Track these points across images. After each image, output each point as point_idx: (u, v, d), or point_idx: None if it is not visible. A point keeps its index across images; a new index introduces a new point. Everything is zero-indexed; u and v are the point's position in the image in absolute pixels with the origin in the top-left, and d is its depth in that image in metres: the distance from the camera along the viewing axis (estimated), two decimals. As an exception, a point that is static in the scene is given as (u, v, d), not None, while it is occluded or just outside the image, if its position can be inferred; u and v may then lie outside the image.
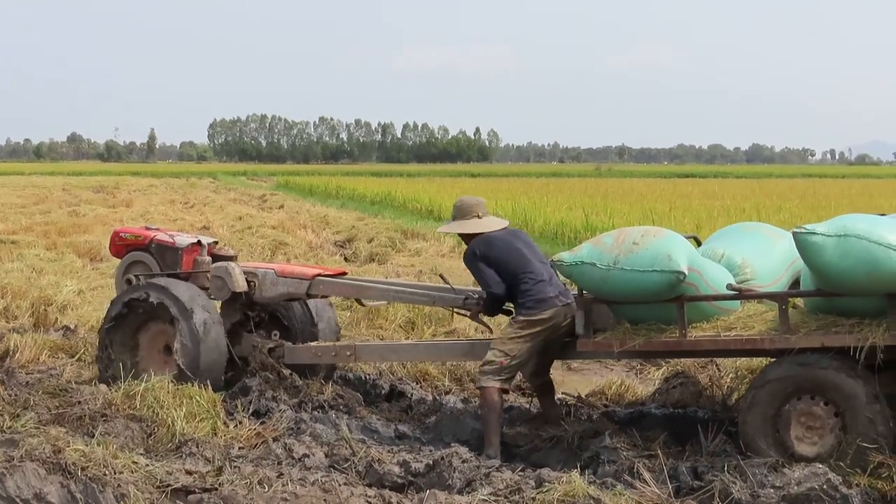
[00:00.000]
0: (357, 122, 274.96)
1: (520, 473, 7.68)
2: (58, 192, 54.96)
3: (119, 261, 11.95)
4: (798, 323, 8.21)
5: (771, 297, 8.52)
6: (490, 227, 9.58)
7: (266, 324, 11.37)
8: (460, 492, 7.35)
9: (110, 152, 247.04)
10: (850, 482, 7.40)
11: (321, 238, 28.15)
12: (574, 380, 11.80)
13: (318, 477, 7.62)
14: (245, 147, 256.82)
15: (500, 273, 9.28)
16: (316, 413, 9.93)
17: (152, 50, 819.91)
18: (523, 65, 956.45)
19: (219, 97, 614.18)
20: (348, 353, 10.67)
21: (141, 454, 8.07)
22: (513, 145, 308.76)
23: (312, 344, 10.98)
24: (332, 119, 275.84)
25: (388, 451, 8.47)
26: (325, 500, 6.72)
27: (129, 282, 11.47)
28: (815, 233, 7.70)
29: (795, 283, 9.10)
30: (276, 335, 11.10)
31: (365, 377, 11.52)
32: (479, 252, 9.36)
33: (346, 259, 22.97)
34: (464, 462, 7.93)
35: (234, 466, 7.76)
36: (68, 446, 7.60)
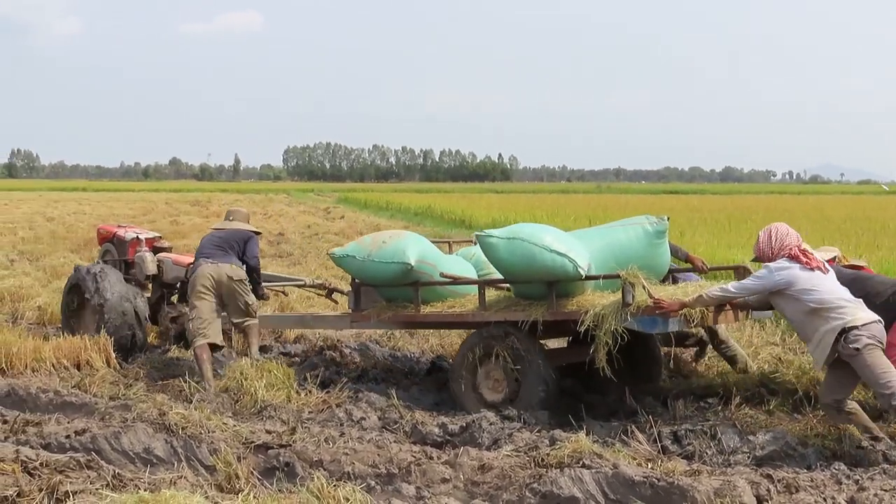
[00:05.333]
0: (403, 148, 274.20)
1: (537, 434, 7.67)
2: (161, 205, 55.09)
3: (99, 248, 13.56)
4: (492, 303, 9.00)
5: (473, 282, 9.42)
6: (221, 226, 10.73)
7: (178, 298, 12.11)
8: (488, 448, 7.35)
9: (204, 173, 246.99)
10: (805, 443, 7.37)
11: (374, 243, 28.13)
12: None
13: (372, 436, 7.66)
14: (313, 169, 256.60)
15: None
16: (371, 384, 9.96)
17: (239, 90, 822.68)
18: (532, 104, 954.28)
19: (292, 128, 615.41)
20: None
21: (230, 417, 8.10)
22: (529, 168, 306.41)
23: None
24: (383, 146, 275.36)
25: (430, 415, 8.49)
26: (378, 454, 6.71)
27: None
28: (491, 236, 8.68)
29: None
30: (180, 307, 11.77)
31: (410, 355, 11.53)
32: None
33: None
34: (491, 424, 7.93)
35: (305, 427, 7.79)
36: (171, 410, 7.66)
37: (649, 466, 6.56)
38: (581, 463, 6.33)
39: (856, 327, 7.28)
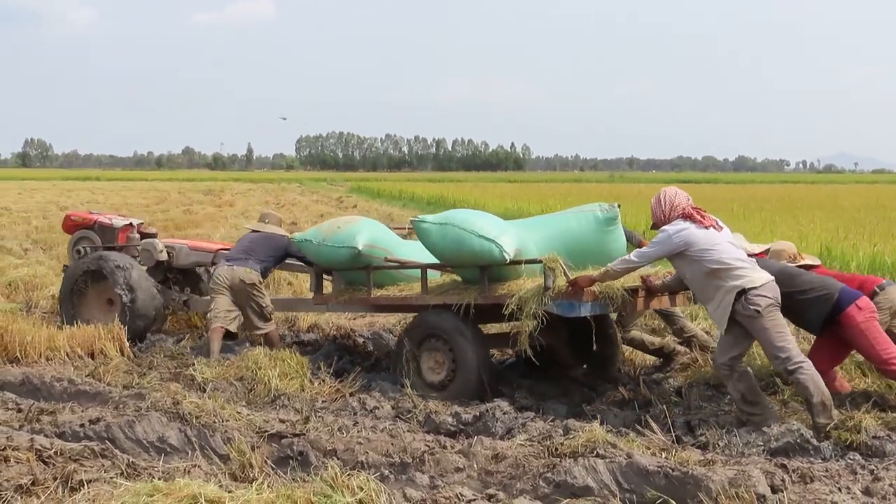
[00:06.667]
0: (416, 137, 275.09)
1: (550, 423, 7.66)
2: (174, 194, 55.21)
3: (70, 236, 13.68)
4: (434, 287, 9.31)
5: (415, 266, 9.54)
6: (257, 228, 11.22)
7: (181, 282, 12.43)
8: (502, 438, 7.33)
9: (216, 162, 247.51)
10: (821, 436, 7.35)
11: (387, 232, 28.09)
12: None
13: (386, 425, 7.65)
14: (325, 158, 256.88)
15: None
16: (384, 373, 9.95)
17: (250, 80, 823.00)
18: (545, 93, 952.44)
19: (305, 117, 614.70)
20: None
21: (243, 406, 8.10)
22: (542, 157, 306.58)
23: (206, 297, 11.67)
24: (395, 135, 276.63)
25: (443, 405, 8.46)
26: (392, 443, 6.71)
27: (78, 252, 12.82)
28: (424, 221, 8.96)
29: None
30: (187, 291, 12.12)
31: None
32: None
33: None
34: (504, 414, 7.92)
35: (319, 416, 7.79)
36: (185, 399, 7.67)
37: (663, 456, 6.53)
38: (595, 452, 6.32)
39: (755, 288, 7.38)
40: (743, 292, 7.39)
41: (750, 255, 8.41)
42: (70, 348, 10.36)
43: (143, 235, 12.67)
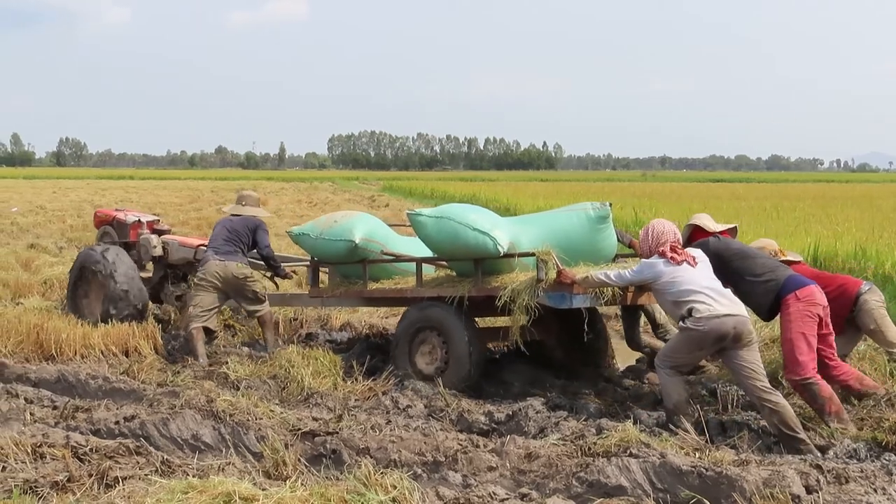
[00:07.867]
0: (448, 136, 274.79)
1: (583, 422, 7.63)
2: (207, 193, 55.42)
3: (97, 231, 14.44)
4: (428, 280, 9.58)
5: (410, 260, 9.85)
6: (235, 211, 10.96)
7: (179, 278, 12.47)
8: (535, 437, 7.31)
9: (249, 161, 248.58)
10: (856, 437, 7.31)
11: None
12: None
13: (419, 424, 7.66)
14: (357, 157, 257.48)
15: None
16: (417, 372, 9.96)
17: (284, 78, 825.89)
18: (577, 91, 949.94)
19: (336, 116, 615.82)
20: None
21: (276, 404, 8.12)
22: (574, 156, 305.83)
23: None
24: (427, 134, 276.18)
25: (476, 403, 8.47)
26: (424, 442, 6.71)
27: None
28: (420, 214, 9.18)
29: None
30: (183, 286, 12.19)
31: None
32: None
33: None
34: (537, 413, 7.91)
35: (352, 415, 7.80)
36: (219, 397, 7.69)
37: (697, 456, 6.51)
38: (628, 452, 6.30)
39: (694, 316, 7.48)
40: (689, 311, 7.55)
41: (712, 233, 8.57)
42: (105, 346, 10.42)
43: (158, 232, 12.83)
